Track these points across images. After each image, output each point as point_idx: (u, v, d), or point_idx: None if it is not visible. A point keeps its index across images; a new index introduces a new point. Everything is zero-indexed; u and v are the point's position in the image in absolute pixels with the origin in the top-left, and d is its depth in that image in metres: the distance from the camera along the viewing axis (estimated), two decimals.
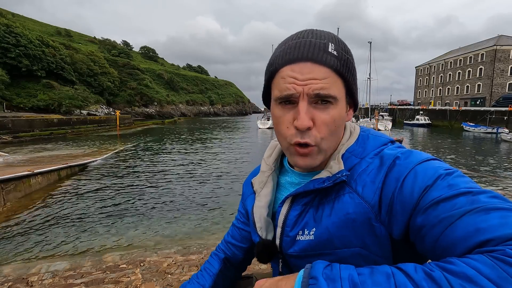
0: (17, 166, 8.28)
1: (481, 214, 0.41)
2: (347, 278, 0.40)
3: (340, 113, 0.57)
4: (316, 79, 0.53)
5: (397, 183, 0.52)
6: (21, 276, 3.04)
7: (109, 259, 3.78)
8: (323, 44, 0.55)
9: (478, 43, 52.84)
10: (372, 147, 0.62)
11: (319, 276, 0.42)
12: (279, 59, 0.57)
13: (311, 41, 0.55)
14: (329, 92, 0.54)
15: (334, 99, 0.55)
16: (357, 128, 0.68)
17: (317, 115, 0.55)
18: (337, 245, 0.57)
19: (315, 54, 0.54)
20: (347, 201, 0.56)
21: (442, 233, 0.44)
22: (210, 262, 0.89)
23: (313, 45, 0.55)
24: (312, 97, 0.54)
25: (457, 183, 0.47)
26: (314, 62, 0.54)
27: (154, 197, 7.08)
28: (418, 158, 0.54)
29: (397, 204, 0.51)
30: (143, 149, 15.80)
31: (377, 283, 0.39)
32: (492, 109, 32.63)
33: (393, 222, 0.52)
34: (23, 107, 31.08)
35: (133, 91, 54.88)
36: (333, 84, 0.55)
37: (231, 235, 0.89)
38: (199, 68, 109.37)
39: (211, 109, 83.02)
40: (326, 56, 0.54)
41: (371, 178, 0.56)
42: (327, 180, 0.58)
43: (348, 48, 0.59)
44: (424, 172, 0.51)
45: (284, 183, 0.72)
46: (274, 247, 0.68)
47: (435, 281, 0.36)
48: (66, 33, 65.27)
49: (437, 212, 0.45)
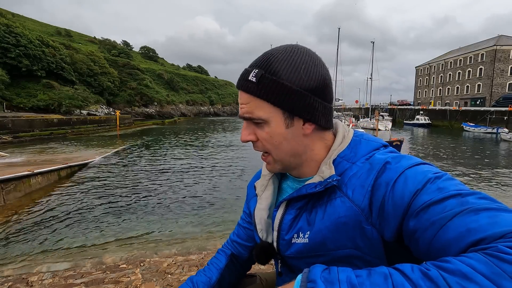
0: (17, 166, 8.27)
1: (471, 215, 0.43)
2: (345, 281, 0.41)
3: (275, 131, 0.62)
4: (243, 104, 0.62)
5: (387, 187, 0.54)
6: (21, 276, 3.04)
7: (109, 259, 3.78)
8: (247, 71, 0.61)
9: (478, 43, 52.84)
10: (364, 151, 0.63)
11: (317, 279, 0.42)
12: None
13: (244, 70, 0.63)
14: (252, 115, 0.61)
15: (261, 119, 0.61)
16: (351, 133, 0.70)
17: (256, 131, 0.64)
18: (331, 247, 0.60)
19: (240, 83, 0.62)
20: (338, 204, 0.59)
21: (435, 235, 0.45)
22: (217, 257, 0.91)
23: (242, 74, 0.63)
24: (245, 118, 0.63)
25: (446, 186, 0.49)
26: (241, 90, 0.62)
27: (154, 197, 7.08)
28: (407, 162, 0.56)
29: (388, 207, 0.53)
30: (143, 149, 15.79)
31: (375, 284, 0.39)
32: (492, 109, 32.65)
33: (384, 225, 0.54)
34: (23, 107, 31.06)
35: (133, 91, 54.83)
36: (256, 107, 0.61)
37: (237, 234, 0.92)
38: (199, 68, 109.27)
39: (211, 109, 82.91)
40: (245, 83, 0.61)
41: (360, 182, 0.58)
42: (319, 185, 0.60)
43: (285, 68, 0.59)
44: (414, 176, 0.52)
45: (286, 187, 0.75)
46: (272, 249, 0.71)
47: (431, 279, 0.37)
48: (66, 33, 65.22)
49: (428, 215, 0.47)
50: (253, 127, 0.64)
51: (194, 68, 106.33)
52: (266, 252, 0.71)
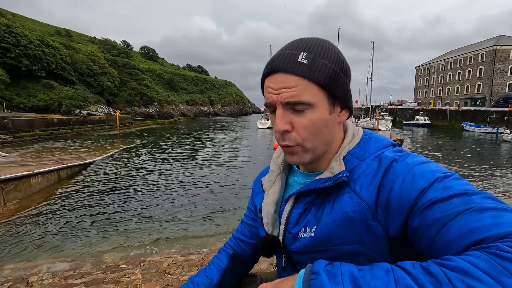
0: (17, 166, 8.27)
1: (474, 214, 0.43)
2: (347, 273, 0.42)
3: (320, 116, 0.60)
4: (287, 87, 0.58)
5: (394, 184, 0.54)
6: (21, 276, 3.04)
7: (109, 259, 3.78)
8: (294, 54, 0.59)
9: (478, 43, 52.86)
10: (373, 150, 0.64)
11: (321, 271, 0.44)
12: (264, 71, 0.63)
13: (284, 53, 0.60)
14: (301, 99, 0.58)
15: (308, 104, 0.58)
16: (360, 131, 0.71)
17: (295, 119, 0.60)
18: (336, 242, 0.60)
19: (285, 65, 0.58)
20: (346, 200, 0.60)
21: (437, 233, 0.45)
22: (219, 257, 0.91)
23: (284, 57, 0.59)
24: (285, 104, 0.59)
25: (453, 185, 0.49)
26: (285, 72, 0.58)
27: (154, 197, 7.08)
28: (415, 160, 0.57)
29: (394, 204, 0.53)
30: (143, 149, 15.79)
31: (376, 276, 0.40)
32: (492, 109, 32.66)
33: (389, 222, 0.54)
34: (23, 107, 31.09)
35: (133, 91, 54.88)
36: (305, 90, 0.58)
37: (240, 232, 0.92)
38: (199, 68, 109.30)
39: (211, 109, 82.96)
40: (294, 65, 0.58)
41: (369, 179, 0.59)
42: (329, 180, 0.61)
43: (330, 53, 0.61)
44: (422, 174, 0.53)
45: (292, 182, 0.76)
46: (277, 242, 0.72)
47: (432, 274, 0.38)
48: (66, 33, 65.26)
49: (432, 213, 0.47)
50: (290, 115, 0.60)
51: (194, 68, 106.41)
52: (272, 244, 0.72)
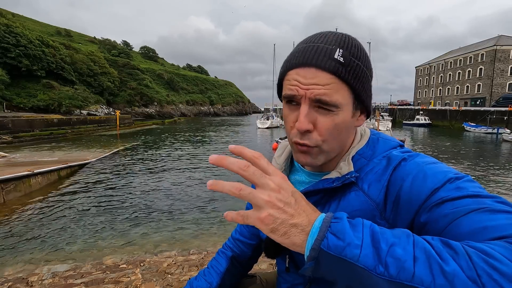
0: (17, 166, 8.27)
1: (488, 214, 0.42)
2: (368, 226, 0.42)
3: (344, 119, 0.57)
4: (318, 84, 0.54)
5: (404, 182, 0.53)
6: (21, 276, 3.04)
7: (109, 259, 3.78)
8: (330, 49, 0.54)
9: (478, 43, 52.81)
10: (381, 150, 0.63)
11: (344, 218, 0.42)
12: (288, 61, 0.58)
13: (318, 46, 0.55)
14: (331, 98, 0.54)
15: (336, 106, 0.55)
16: (368, 132, 0.70)
17: (319, 119, 0.56)
18: None
19: (320, 60, 0.54)
20: (352, 198, 0.58)
21: (446, 227, 0.44)
22: (217, 260, 0.90)
23: (319, 51, 0.55)
24: (313, 102, 0.55)
25: (465, 187, 0.48)
26: (318, 67, 0.54)
27: (154, 197, 7.08)
28: (425, 160, 0.56)
29: (403, 202, 0.52)
30: (143, 149, 15.79)
31: (396, 236, 0.39)
32: (492, 109, 32.62)
33: (397, 220, 0.53)
34: (23, 107, 31.08)
35: (133, 91, 54.89)
36: (337, 90, 0.54)
37: (239, 233, 0.91)
38: (199, 68, 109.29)
39: (211, 109, 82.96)
40: (330, 62, 0.53)
41: (377, 177, 0.58)
42: (337, 181, 0.60)
43: (362, 53, 0.58)
44: (433, 174, 0.51)
45: (294, 182, 0.73)
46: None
47: (451, 247, 0.37)
48: (66, 33, 65.30)
49: (441, 210, 0.46)
50: (315, 114, 0.56)
51: (194, 68, 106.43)
52: (276, 245, 0.68)
